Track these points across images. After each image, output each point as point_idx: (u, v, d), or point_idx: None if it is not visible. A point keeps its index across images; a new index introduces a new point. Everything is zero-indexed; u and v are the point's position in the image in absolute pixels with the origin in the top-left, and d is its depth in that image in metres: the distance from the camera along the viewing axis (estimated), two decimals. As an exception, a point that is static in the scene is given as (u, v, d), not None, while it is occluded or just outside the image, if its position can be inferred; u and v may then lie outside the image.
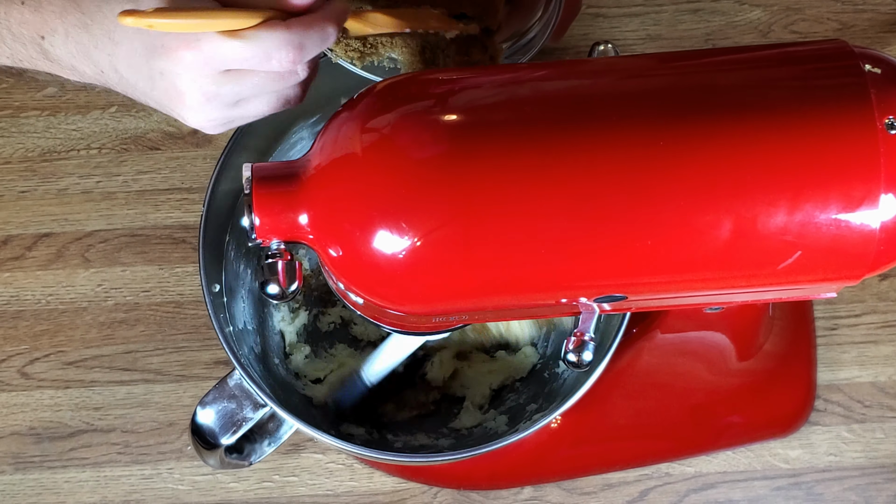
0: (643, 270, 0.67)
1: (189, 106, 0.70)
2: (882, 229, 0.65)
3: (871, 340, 1.07)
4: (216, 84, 0.69)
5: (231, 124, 0.73)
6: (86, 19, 0.70)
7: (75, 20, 0.71)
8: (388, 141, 0.66)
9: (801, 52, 0.70)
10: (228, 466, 0.89)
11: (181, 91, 0.70)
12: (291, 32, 0.68)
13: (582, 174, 0.65)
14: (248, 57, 0.68)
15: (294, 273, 0.70)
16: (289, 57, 0.68)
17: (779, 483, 1.03)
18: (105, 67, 0.72)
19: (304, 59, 0.69)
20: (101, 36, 0.70)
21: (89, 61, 0.72)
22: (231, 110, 0.71)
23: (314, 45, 0.69)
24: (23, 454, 1.04)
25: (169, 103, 0.71)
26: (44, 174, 1.10)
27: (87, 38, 0.71)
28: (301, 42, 0.68)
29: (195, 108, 0.71)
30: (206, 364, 1.06)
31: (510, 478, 1.03)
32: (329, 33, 0.70)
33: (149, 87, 0.71)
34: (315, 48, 0.69)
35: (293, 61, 0.69)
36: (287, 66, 0.69)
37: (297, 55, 0.68)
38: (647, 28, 1.15)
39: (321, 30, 0.69)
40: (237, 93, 0.70)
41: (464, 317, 0.74)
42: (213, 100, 0.70)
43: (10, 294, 1.08)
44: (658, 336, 0.94)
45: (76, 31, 0.71)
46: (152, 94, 0.71)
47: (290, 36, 0.68)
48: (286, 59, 0.68)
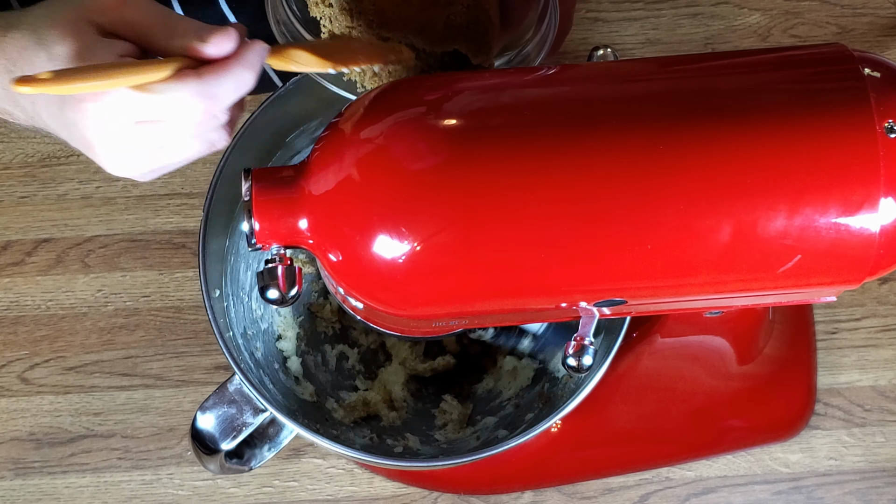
0: (643, 274, 0.67)
1: (102, 156, 0.70)
2: (882, 233, 0.65)
3: (871, 344, 1.07)
4: (127, 135, 0.68)
5: (162, 171, 0.72)
6: (9, 65, 0.69)
7: (2, 67, 0.70)
8: (387, 145, 0.66)
9: (800, 56, 0.70)
10: (228, 471, 0.89)
11: (90, 142, 0.69)
12: (203, 83, 0.66)
13: (581, 178, 0.65)
14: (159, 110, 0.66)
15: (294, 278, 0.70)
16: (201, 108, 0.66)
17: (779, 487, 1.03)
18: (31, 114, 0.72)
19: (220, 108, 0.67)
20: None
21: (18, 107, 0.72)
22: (153, 158, 0.70)
23: (229, 94, 0.67)
24: (23, 460, 1.04)
25: (86, 151, 0.70)
26: (43, 179, 1.10)
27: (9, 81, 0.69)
28: (214, 92, 0.66)
29: (109, 159, 0.70)
30: (206, 369, 1.06)
31: (510, 482, 1.03)
32: (245, 79, 0.67)
33: (67, 135, 0.70)
34: (231, 96, 0.67)
35: (207, 111, 0.67)
36: (200, 116, 0.67)
37: (211, 105, 0.66)
38: (647, 32, 1.15)
39: (236, 77, 0.67)
40: (154, 142, 0.69)
41: (464, 321, 0.74)
42: (126, 150, 0.69)
43: (10, 299, 1.08)
44: (658, 340, 0.94)
45: (2, 78, 0.70)
46: (72, 142, 0.71)
47: (202, 87, 0.66)
48: (198, 111, 0.66)
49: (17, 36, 0.69)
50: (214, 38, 0.66)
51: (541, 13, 0.81)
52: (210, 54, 0.66)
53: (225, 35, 0.66)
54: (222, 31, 0.66)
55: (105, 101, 0.66)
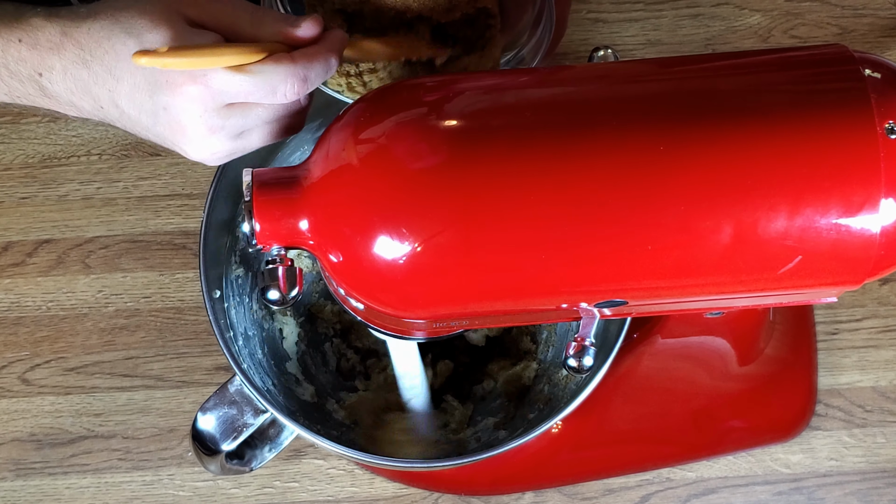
0: (644, 275, 0.67)
1: (191, 139, 0.71)
2: (882, 234, 0.65)
3: (871, 345, 1.07)
4: (220, 117, 0.70)
5: (233, 156, 0.74)
6: (85, 55, 0.71)
7: (73, 57, 0.71)
8: (387, 146, 0.66)
9: (800, 57, 0.70)
10: (229, 472, 0.89)
11: (184, 125, 0.70)
12: (296, 66, 0.69)
13: (582, 179, 0.65)
14: (254, 90, 0.69)
15: (294, 279, 0.70)
16: (294, 89, 0.70)
17: (780, 488, 1.03)
18: (105, 103, 0.72)
19: (309, 90, 0.71)
20: (101, 72, 0.71)
21: (89, 97, 0.72)
22: (234, 142, 0.72)
23: (318, 77, 0.71)
24: (24, 460, 1.04)
25: (172, 137, 0.72)
26: (44, 180, 1.10)
27: (86, 74, 0.71)
28: (306, 74, 0.70)
29: (198, 142, 0.72)
30: (206, 370, 1.06)
31: (511, 483, 1.03)
32: (332, 64, 0.71)
33: (151, 121, 0.71)
34: (319, 79, 0.71)
35: (298, 93, 0.70)
36: (292, 97, 0.70)
37: (302, 87, 0.70)
38: (647, 33, 1.15)
39: (324, 61, 0.71)
40: (241, 125, 0.71)
41: (464, 322, 0.74)
42: (217, 132, 0.71)
43: (11, 300, 1.08)
44: (659, 341, 0.94)
45: (75, 68, 0.71)
46: (155, 128, 0.72)
47: (296, 69, 0.69)
48: (291, 92, 0.70)
49: (96, 27, 0.70)
50: (305, 24, 0.71)
51: (536, 17, 0.81)
52: (302, 35, 0.71)
53: (313, 21, 0.71)
54: (310, 18, 0.71)
55: (206, 82, 0.68)
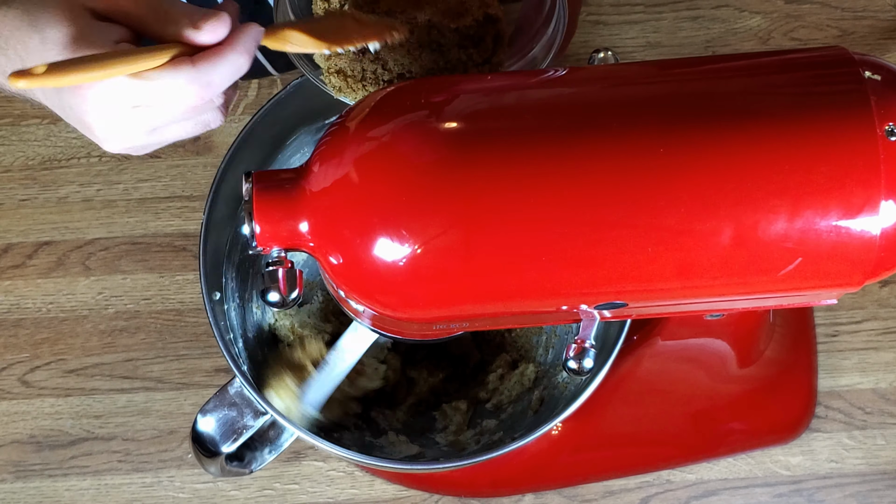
0: (644, 277, 0.67)
1: (100, 137, 0.70)
2: (882, 236, 0.65)
3: (871, 347, 1.07)
4: (124, 118, 0.68)
5: (152, 147, 0.72)
6: (1, 43, 0.70)
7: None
8: (388, 149, 0.66)
9: (800, 59, 0.70)
10: (229, 474, 0.89)
11: (90, 124, 0.69)
12: (198, 70, 0.66)
13: (582, 181, 0.65)
14: (155, 96, 0.67)
15: (295, 281, 0.70)
16: (197, 94, 0.67)
17: (780, 490, 1.03)
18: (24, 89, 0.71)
19: (216, 93, 0.68)
20: (15, 60, 0.69)
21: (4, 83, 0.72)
22: (147, 137, 0.71)
23: (224, 79, 0.67)
24: (23, 462, 1.04)
25: (83, 132, 0.71)
26: (44, 182, 1.10)
27: (4, 60, 0.70)
28: (209, 79, 0.66)
29: (106, 139, 0.70)
30: (206, 372, 1.06)
31: (511, 485, 1.03)
32: (240, 64, 0.67)
33: (63, 115, 0.71)
34: (225, 81, 0.67)
35: (202, 98, 0.67)
36: (197, 102, 0.67)
37: (206, 92, 0.67)
38: (647, 35, 1.15)
39: (231, 62, 0.67)
40: (149, 124, 0.69)
41: (464, 324, 0.74)
42: (125, 130, 0.69)
43: (11, 302, 1.08)
44: (659, 343, 0.94)
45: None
46: (68, 120, 0.71)
47: (197, 74, 0.66)
48: (193, 98, 0.67)
49: (10, 16, 0.69)
50: (208, 25, 0.66)
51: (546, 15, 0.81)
52: (204, 41, 0.67)
53: (218, 20, 0.66)
54: (215, 17, 0.66)
55: (102, 87, 0.66)
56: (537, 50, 0.81)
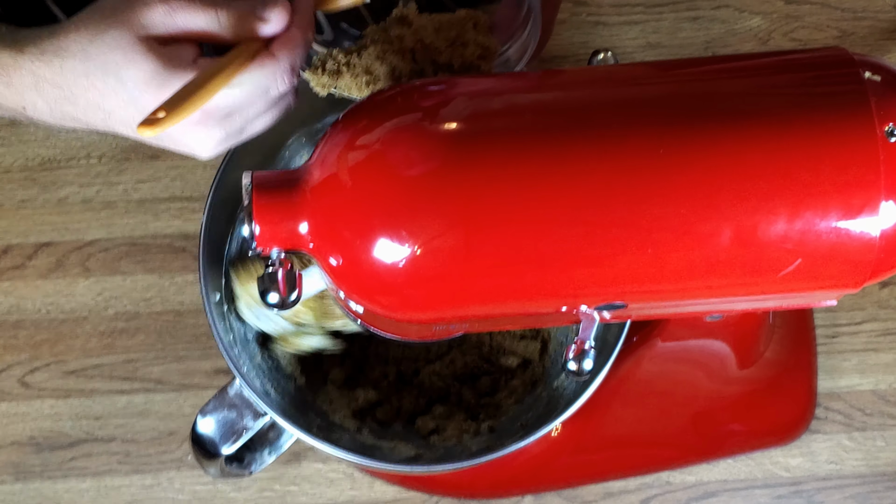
0: (643, 279, 0.67)
1: (199, 153, 0.73)
2: (882, 237, 0.65)
3: (871, 348, 1.07)
4: (221, 128, 0.71)
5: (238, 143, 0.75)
6: (66, 94, 0.70)
7: (55, 95, 0.71)
8: (388, 149, 0.66)
9: (800, 60, 0.70)
10: (229, 476, 0.89)
11: (190, 146, 0.72)
12: (280, 61, 0.70)
13: (581, 182, 0.65)
14: (249, 98, 0.70)
15: (294, 282, 0.70)
16: (284, 82, 0.70)
17: (780, 491, 1.03)
18: (100, 126, 0.73)
19: (295, 74, 0.71)
20: (88, 107, 0.71)
21: (80, 123, 0.73)
22: (237, 137, 0.73)
23: (302, 58, 0.71)
24: (23, 464, 1.04)
25: (176, 149, 0.73)
26: (44, 183, 1.10)
27: (72, 108, 0.71)
28: (289, 66, 0.70)
29: (206, 153, 0.73)
30: (206, 373, 1.06)
31: (511, 486, 1.03)
32: (309, 39, 0.71)
33: (154, 142, 0.72)
34: (300, 61, 0.71)
35: (289, 83, 0.70)
36: (285, 89, 0.71)
37: (291, 76, 0.70)
38: (647, 36, 1.15)
39: (303, 41, 0.71)
40: (241, 124, 0.72)
41: (464, 325, 0.74)
42: (221, 142, 0.72)
43: (11, 303, 1.08)
44: (658, 344, 0.94)
45: (60, 104, 0.71)
46: (159, 144, 0.72)
47: (281, 64, 0.70)
48: (283, 86, 0.70)
49: (68, 66, 0.70)
50: (273, 14, 0.70)
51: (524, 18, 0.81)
52: (276, 31, 0.70)
53: (280, 6, 0.70)
54: (276, 4, 0.70)
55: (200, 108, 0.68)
56: (512, 52, 0.81)
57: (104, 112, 0.71)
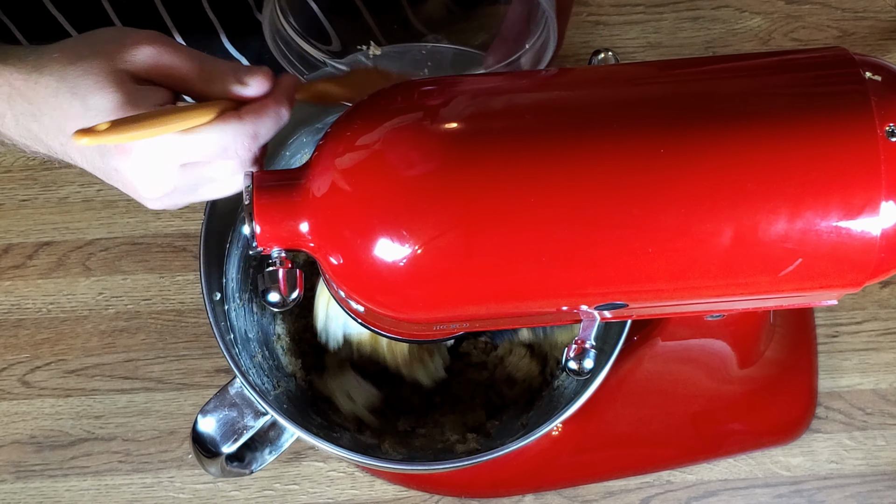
0: (644, 278, 0.67)
1: (146, 198, 0.71)
2: (883, 237, 0.65)
3: (872, 348, 1.07)
4: (171, 178, 0.70)
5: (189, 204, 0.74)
6: (34, 110, 0.70)
7: (23, 109, 0.71)
8: (389, 149, 0.66)
9: (801, 60, 0.70)
10: (229, 475, 0.89)
11: (136, 186, 0.70)
12: (245, 124, 0.68)
13: (582, 181, 0.65)
14: (205, 151, 0.68)
15: (295, 281, 0.70)
16: (245, 147, 0.69)
17: (780, 491, 1.03)
18: (58, 152, 0.72)
19: (260, 145, 0.70)
20: (51, 127, 0.70)
21: (42, 145, 0.72)
22: (190, 195, 0.72)
23: (269, 130, 0.70)
24: (24, 463, 1.04)
25: (126, 191, 0.72)
26: (45, 182, 1.10)
27: (36, 126, 0.71)
28: (255, 131, 0.69)
29: (152, 200, 0.71)
30: (206, 372, 1.06)
31: (511, 485, 1.03)
32: (282, 115, 0.70)
33: (104, 177, 0.71)
34: (270, 132, 0.70)
35: (249, 150, 0.69)
36: (244, 154, 0.69)
37: (253, 143, 0.69)
38: (648, 36, 1.15)
39: (274, 115, 0.70)
40: (194, 182, 0.71)
41: (464, 325, 0.74)
42: (171, 192, 0.71)
43: (11, 303, 1.08)
44: (659, 344, 0.94)
45: (25, 119, 0.71)
46: (109, 182, 0.72)
47: (245, 127, 0.68)
48: (242, 150, 0.69)
49: (42, 83, 0.69)
50: (253, 80, 0.69)
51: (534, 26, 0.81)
52: (250, 95, 0.69)
53: (261, 75, 0.69)
54: (259, 72, 0.69)
55: (152, 146, 0.67)
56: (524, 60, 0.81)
57: (64, 136, 0.70)
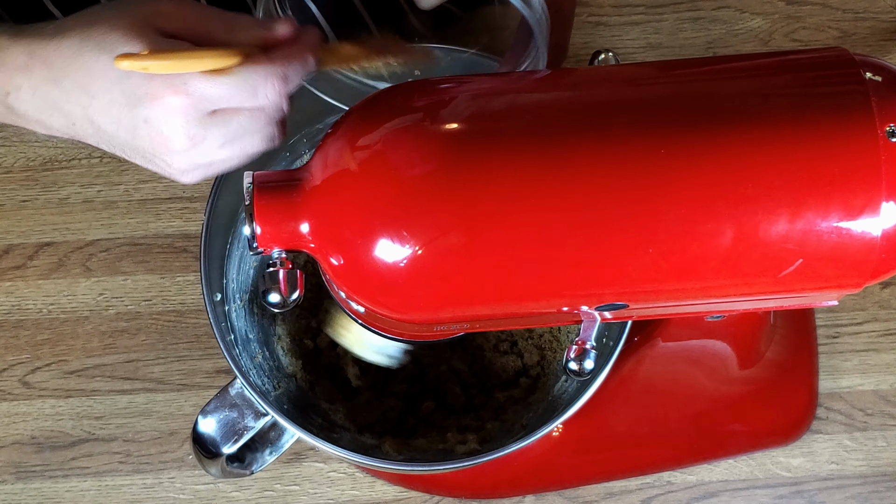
0: (644, 279, 0.67)
1: (175, 150, 0.70)
2: (883, 237, 0.65)
3: (872, 349, 1.07)
4: (203, 126, 0.69)
5: (211, 169, 0.73)
6: (54, 73, 0.70)
7: (42, 75, 0.70)
8: (389, 149, 0.66)
9: (801, 61, 0.70)
10: (230, 475, 0.89)
11: (167, 136, 0.70)
12: (275, 65, 0.69)
13: (583, 182, 0.65)
14: (235, 93, 0.68)
15: (295, 282, 0.70)
16: (275, 89, 0.69)
17: (780, 492, 1.03)
18: (78, 119, 0.72)
19: (290, 89, 0.70)
20: (73, 89, 0.70)
21: (60, 114, 0.72)
22: (217, 153, 0.71)
23: (296, 74, 0.71)
24: (24, 463, 1.04)
25: (153, 149, 0.71)
26: (45, 183, 1.10)
27: (57, 92, 0.70)
28: (285, 73, 0.70)
29: (181, 153, 0.71)
30: (207, 373, 1.06)
31: (512, 486, 1.03)
32: (309, 62, 0.71)
33: (130, 136, 0.71)
34: (297, 78, 0.71)
35: (279, 92, 0.70)
36: (273, 98, 0.70)
37: (283, 86, 0.70)
38: (648, 36, 1.15)
39: (302, 59, 0.71)
40: (224, 134, 0.70)
41: (465, 325, 0.74)
42: (200, 143, 0.70)
43: (12, 303, 1.08)
44: (659, 344, 0.94)
45: (44, 86, 0.70)
46: (134, 143, 0.71)
47: (274, 68, 0.69)
48: (272, 92, 0.69)
49: (65, 44, 0.69)
50: (279, 26, 0.71)
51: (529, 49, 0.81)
52: (279, 36, 0.71)
53: (287, 23, 0.71)
54: (283, 20, 0.71)
55: (188, 91, 0.68)
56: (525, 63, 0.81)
57: (88, 96, 0.70)
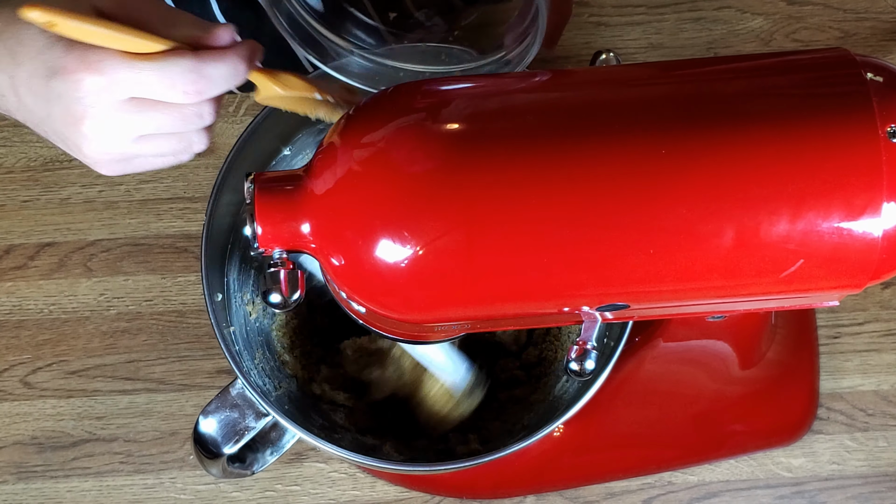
0: (645, 279, 0.67)
1: (85, 134, 0.68)
2: (884, 237, 0.65)
3: (873, 349, 1.07)
4: (117, 111, 0.67)
5: (127, 165, 0.71)
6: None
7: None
8: (390, 150, 0.66)
9: (802, 61, 0.70)
10: (231, 476, 0.89)
11: (78, 117, 0.67)
12: (199, 61, 0.66)
13: (584, 182, 0.65)
14: (153, 82, 0.66)
15: (296, 282, 0.70)
16: (194, 86, 0.66)
17: (781, 492, 1.03)
18: (5, 89, 0.69)
19: (210, 94, 0.67)
20: (3, 55, 0.68)
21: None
22: (130, 146, 0.69)
23: (221, 80, 0.67)
24: (25, 464, 1.04)
25: (64, 130, 0.68)
26: (46, 183, 1.10)
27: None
28: (208, 73, 0.66)
29: (92, 137, 0.68)
30: (208, 373, 1.06)
31: (513, 486, 1.03)
32: (239, 70, 0.68)
33: (45, 112, 0.68)
34: (222, 83, 0.67)
35: (198, 91, 0.66)
36: (192, 96, 0.66)
37: (203, 85, 0.66)
38: (649, 37, 1.15)
39: (231, 64, 0.67)
40: (138, 127, 0.68)
41: (466, 325, 0.74)
42: (113, 130, 0.67)
43: (13, 303, 1.08)
44: (661, 344, 0.94)
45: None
46: (48, 120, 0.68)
47: (197, 64, 0.66)
48: (191, 88, 0.66)
49: (6, 11, 0.67)
50: (218, 30, 0.67)
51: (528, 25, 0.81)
52: (211, 42, 0.67)
53: (226, 28, 0.68)
54: (223, 25, 0.68)
55: (102, 70, 0.65)
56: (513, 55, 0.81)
57: (14, 63, 0.67)
